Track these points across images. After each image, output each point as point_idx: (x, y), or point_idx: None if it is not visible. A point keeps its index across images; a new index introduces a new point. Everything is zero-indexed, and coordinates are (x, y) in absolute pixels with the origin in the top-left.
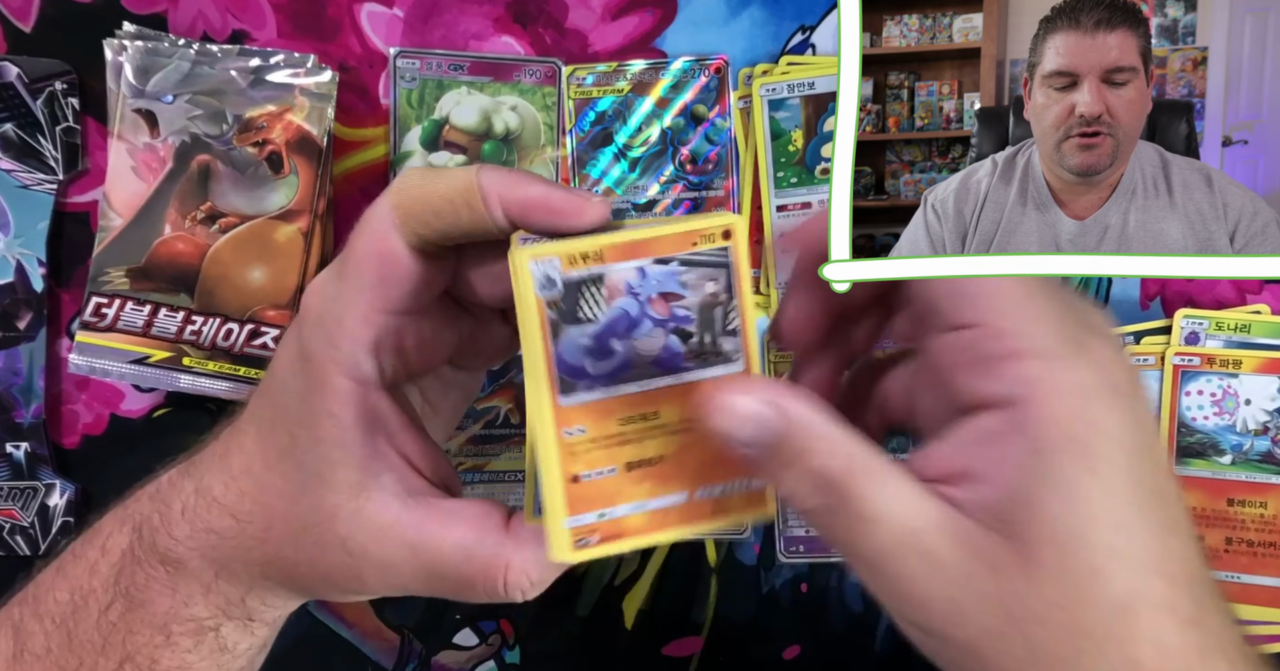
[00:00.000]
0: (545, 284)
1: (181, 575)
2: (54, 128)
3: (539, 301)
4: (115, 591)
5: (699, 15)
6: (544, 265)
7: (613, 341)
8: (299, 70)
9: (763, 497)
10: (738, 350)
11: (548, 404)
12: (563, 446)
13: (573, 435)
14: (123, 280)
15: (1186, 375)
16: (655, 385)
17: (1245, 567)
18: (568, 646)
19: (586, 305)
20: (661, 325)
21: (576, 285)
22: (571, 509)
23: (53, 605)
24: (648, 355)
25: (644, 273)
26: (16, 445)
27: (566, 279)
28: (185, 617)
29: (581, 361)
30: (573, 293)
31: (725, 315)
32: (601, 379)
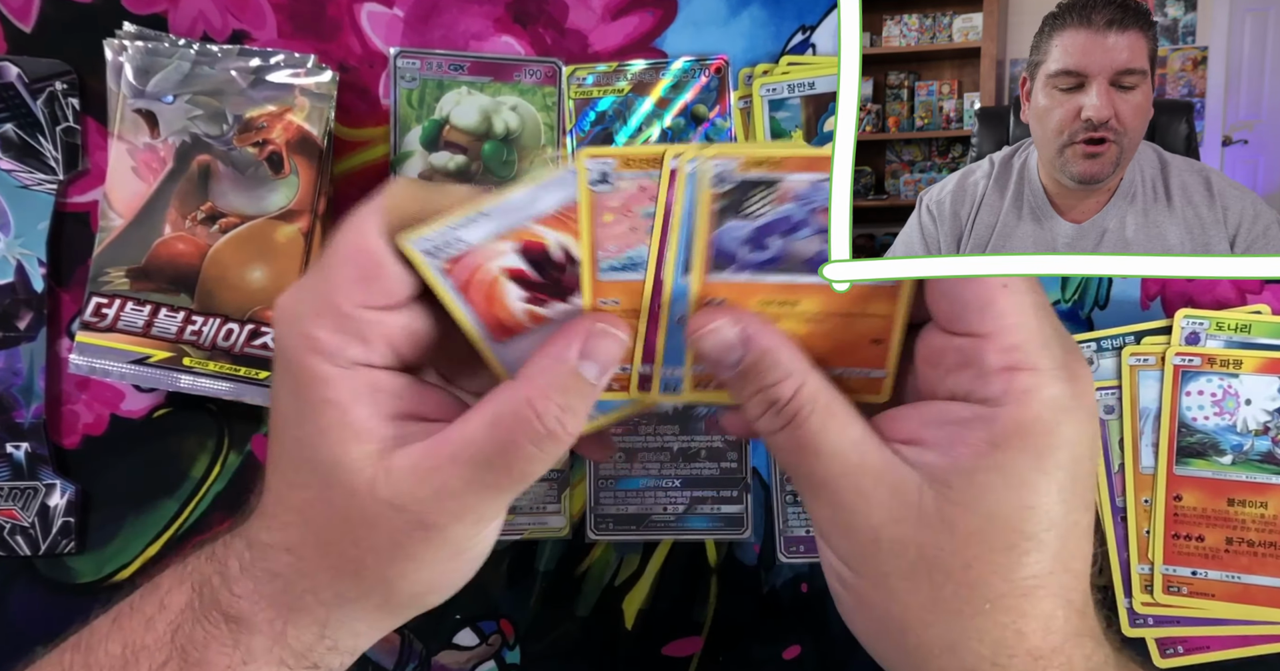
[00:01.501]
0: (718, 181)
1: (244, 631)
2: (54, 128)
3: (710, 193)
4: (171, 649)
5: (699, 15)
6: (722, 163)
7: (770, 238)
8: (299, 70)
9: (879, 386)
10: None
11: (697, 279)
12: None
13: (714, 302)
14: (123, 280)
15: (1187, 375)
16: (801, 280)
17: (1245, 567)
18: (568, 646)
19: (754, 204)
20: (820, 233)
21: (750, 185)
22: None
23: (104, 657)
24: (801, 255)
25: (816, 186)
26: (16, 445)
27: (743, 178)
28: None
29: (735, 249)
30: (744, 190)
31: None
32: (750, 265)
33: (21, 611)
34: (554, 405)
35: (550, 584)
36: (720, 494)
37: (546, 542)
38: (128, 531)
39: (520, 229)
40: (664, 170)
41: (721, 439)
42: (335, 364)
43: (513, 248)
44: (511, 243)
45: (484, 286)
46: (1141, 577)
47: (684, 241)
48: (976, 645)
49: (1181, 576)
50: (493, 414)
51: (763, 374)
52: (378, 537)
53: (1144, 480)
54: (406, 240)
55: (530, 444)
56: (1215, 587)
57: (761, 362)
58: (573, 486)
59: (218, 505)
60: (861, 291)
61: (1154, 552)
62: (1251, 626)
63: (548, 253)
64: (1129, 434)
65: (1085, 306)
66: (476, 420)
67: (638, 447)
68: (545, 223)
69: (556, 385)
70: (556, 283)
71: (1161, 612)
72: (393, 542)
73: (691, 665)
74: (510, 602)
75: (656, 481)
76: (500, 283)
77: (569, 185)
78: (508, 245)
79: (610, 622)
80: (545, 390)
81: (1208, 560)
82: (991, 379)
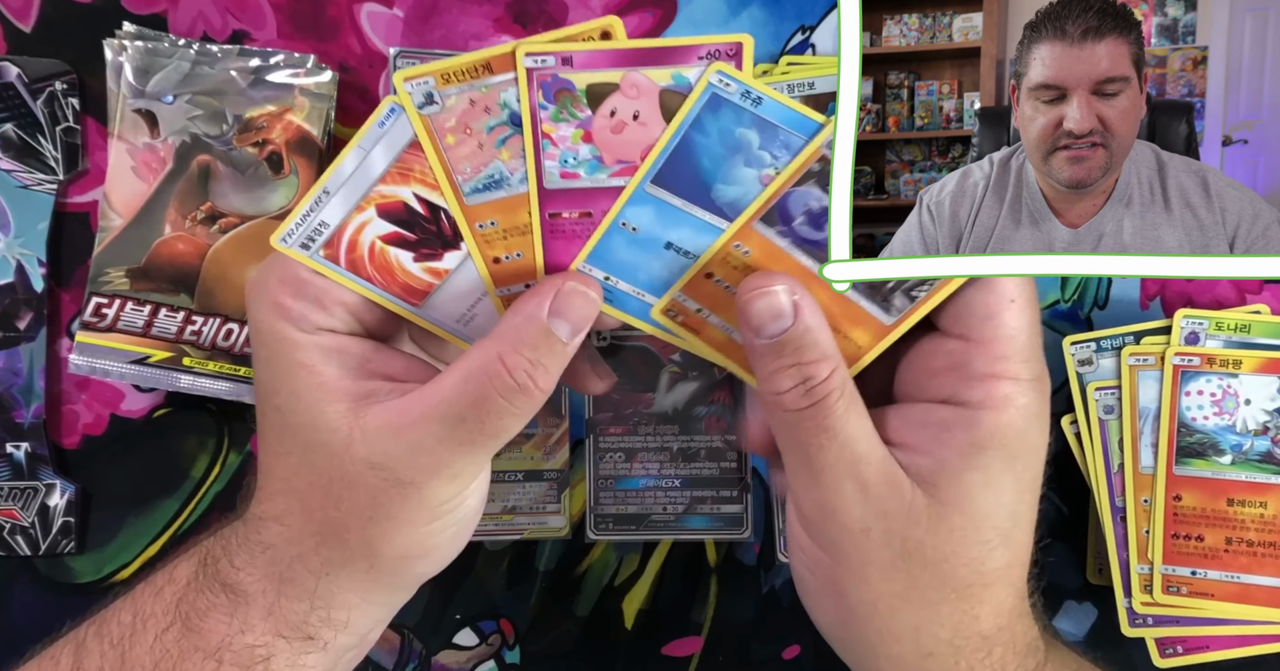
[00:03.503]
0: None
1: (241, 601)
2: (54, 128)
3: (809, 154)
4: (175, 615)
5: (699, 15)
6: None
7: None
8: (299, 70)
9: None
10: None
11: (740, 225)
12: (720, 256)
13: (739, 247)
14: (123, 280)
15: (1186, 375)
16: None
17: (1245, 567)
18: (568, 646)
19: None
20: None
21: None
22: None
23: (115, 626)
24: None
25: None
26: (16, 445)
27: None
28: (238, 646)
29: (797, 214)
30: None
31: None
32: (797, 238)
33: (21, 611)
34: (524, 359)
35: (550, 584)
36: (720, 494)
37: (546, 542)
38: (128, 531)
39: (369, 196)
40: (519, 70)
41: (721, 439)
42: (301, 329)
43: (373, 215)
44: (370, 210)
45: (374, 260)
46: (1141, 577)
47: (672, 151)
48: (937, 629)
49: (1181, 576)
50: (464, 370)
51: (804, 349)
52: (357, 497)
53: (1143, 480)
54: (275, 241)
55: (501, 397)
56: (1215, 587)
57: (805, 338)
58: (573, 486)
59: (218, 505)
60: (854, 314)
61: (1153, 552)
62: (1251, 626)
63: (408, 207)
64: (1128, 434)
65: (1085, 306)
66: (449, 377)
67: (637, 447)
68: (387, 182)
69: (527, 341)
70: (435, 233)
71: (1161, 612)
72: (371, 502)
73: (691, 665)
74: (510, 602)
75: (656, 481)
76: (387, 252)
77: (390, 134)
78: (367, 213)
79: (610, 622)
80: (515, 345)
81: (1207, 560)
82: (975, 384)
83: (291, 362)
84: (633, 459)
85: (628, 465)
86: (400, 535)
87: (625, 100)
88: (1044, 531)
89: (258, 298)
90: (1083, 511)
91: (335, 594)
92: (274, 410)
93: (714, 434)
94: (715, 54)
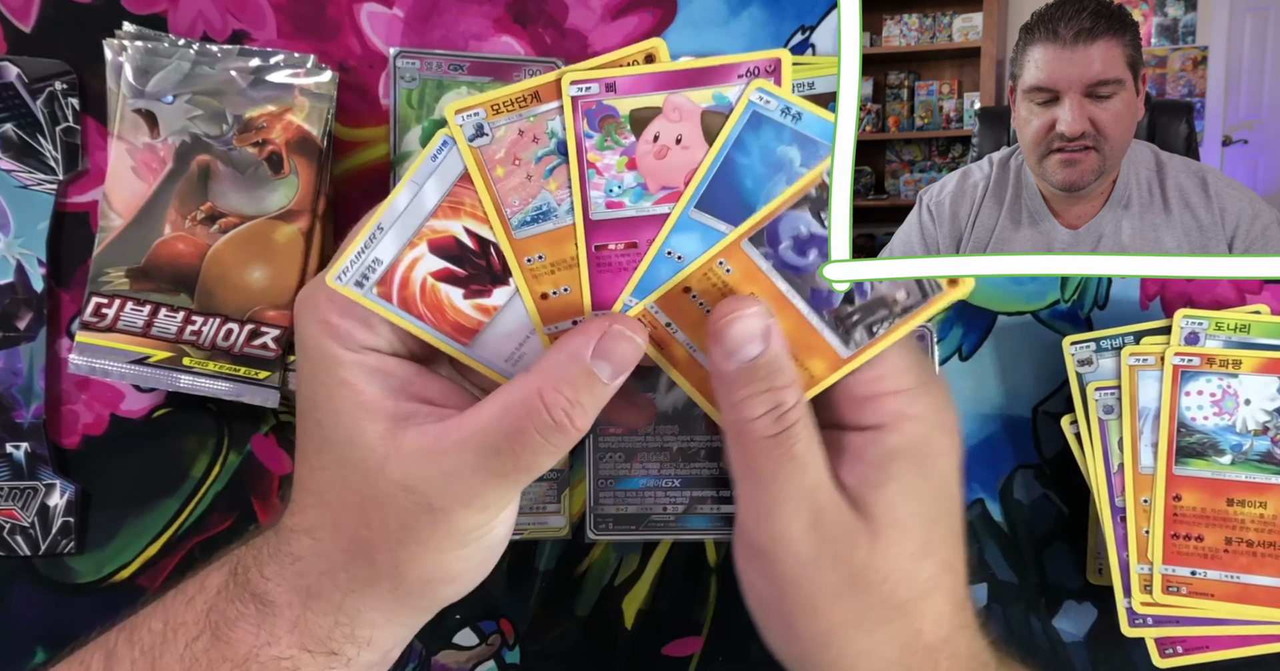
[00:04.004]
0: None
1: (269, 612)
2: (54, 128)
3: (810, 178)
4: (205, 624)
5: (699, 15)
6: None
7: (813, 251)
8: (299, 70)
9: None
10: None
11: (729, 242)
12: (702, 271)
13: (722, 265)
14: (123, 280)
15: (1186, 375)
16: (797, 301)
17: (1245, 567)
18: (568, 646)
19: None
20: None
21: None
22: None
23: (146, 634)
24: (813, 282)
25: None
26: (16, 445)
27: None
28: (265, 657)
29: (783, 237)
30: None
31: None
32: (778, 261)
33: (21, 611)
34: (563, 398)
35: (550, 584)
36: (720, 494)
37: (546, 542)
38: (128, 531)
39: (421, 231)
40: (565, 99)
41: (721, 438)
42: (346, 347)
43: (425, 251)
44: (422, 246)
45: (425, 298)
46: (1141, 577)
47: (715, 174)
48: (886, 651)
49: (1181, 576)
50: (504, 402)
51: (775, 375)
52: (388, 518)
53: (1143, 480)
54: (330, 278)
55: (538, 433)
56: (1214, 587)
57: (777, 363)
58: (572, 486)
59: (218, 505)
60: (814, 343)
61: (1153, 552)
62: (1250, 626)
63: (459, 242)
64: (1128, 434)
65: (1085, 306)
66: (488, 408)
67: (637, 448)
68: (439, 216)
69: (568, 379)
70: (485, 269)
71: (1160, 612)
72: (401, 525)
73: (691, 665)
74: (510, 602)
75: (656, 481)
76: (438, 289)
77: (442, 166)
78: (420, 250)
79: (610, 622)
80: (556, 383)
81: (1207, 560)
82: (866, 406)
83: (334, 380)
84: (632, 459)
85: (627, 465)
86: (427, 559)
87: (668, 124)
88: (1044, 531)
89: (306, 314)
90: (1083, 511)
91: (360, 611)
92: (314, 424)
93: (714, 434)
94: (754, 71)
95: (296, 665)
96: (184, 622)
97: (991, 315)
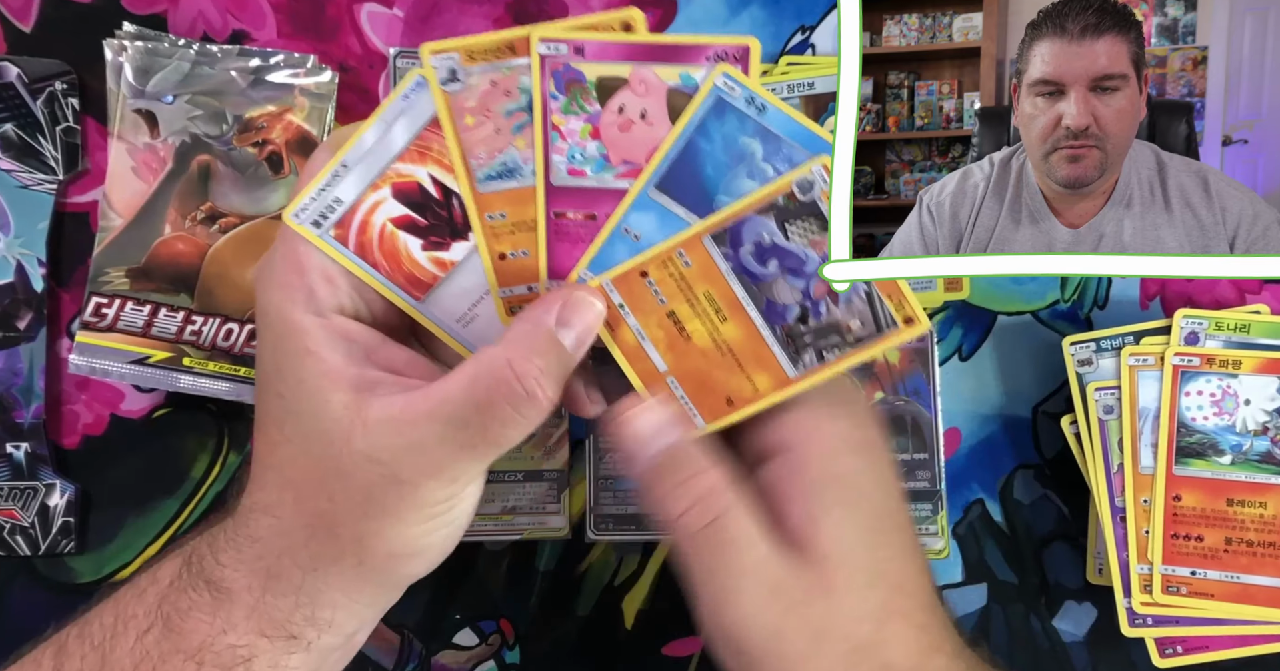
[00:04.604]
0: (804, 187)
1: (224, 599)
2: (54, 128)
3: (780, 185)
4: (156, 615)
5: (699, 15)
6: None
7: (772, 261)
8: (299, 70)
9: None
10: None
11: (692, 234)
12: (662, 258)
13: (681, 256)
14: (123, 280)
15: (1186, 375)
16: (751, 309)
17: (1245, 567)
18: (568, 646)
19: (799, 229)
20: (805, 299)
21: (816, 213)
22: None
23: (97, 628)
24: (771, 291)
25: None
26: (16, 445)
27: (815, 200)
28: (220, 647)
29: (745, 241)
30: (808, 211)
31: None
32: (737, 265)
33: (21, 611)
34: (534, 367)
35: (550, 584)
36: None
37: (546, 542)
38: (128, 531)
39: (386, 173)
40: (533, 56)
41: None
42: (309, 311)
43: (388, 195)
44: (385, 190)
45: (383, 245)
46: (1141, 577)
47: (676, 157)
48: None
49: (1181, 576)
50: (472, 373)
51: (687, 464)
52: (351, 490)
53: (1143, 480)
54: (287, 215)
55: (508, 404)
56: (1214, 587)
57: (684, 452)
58: (573, 486)
59: (217, 505)
60: (763, 356)
61: (1153, 552)
62: (1250, 626)
63: (423, 189)
64: (1128, 434)
65: (1085, 306)
66: (456, 379)
67: None
68: (406, 159)
69: (536, 348)
70: (445, 221)
71: (1160, 612)
72: (366, 496)
73: (691, 665)
74: (510, 602)
75: None
76: (396, 237)
77: (413, 108)
78: (382, 193)
79: (610, 622)
80: (525, 352)
81: (1207, 560)
82: (770, 422)
83: (297, 348)
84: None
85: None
86: (392, 532)
87: (634, 97)
88: (1044, 531)
89: (264, 280)
90: (1083, 511)
91: (321, 591)
92: (275, 396)
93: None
94: (722, 55)
95: (253, 652)
96: (135, 615)
97: (991, 315)
